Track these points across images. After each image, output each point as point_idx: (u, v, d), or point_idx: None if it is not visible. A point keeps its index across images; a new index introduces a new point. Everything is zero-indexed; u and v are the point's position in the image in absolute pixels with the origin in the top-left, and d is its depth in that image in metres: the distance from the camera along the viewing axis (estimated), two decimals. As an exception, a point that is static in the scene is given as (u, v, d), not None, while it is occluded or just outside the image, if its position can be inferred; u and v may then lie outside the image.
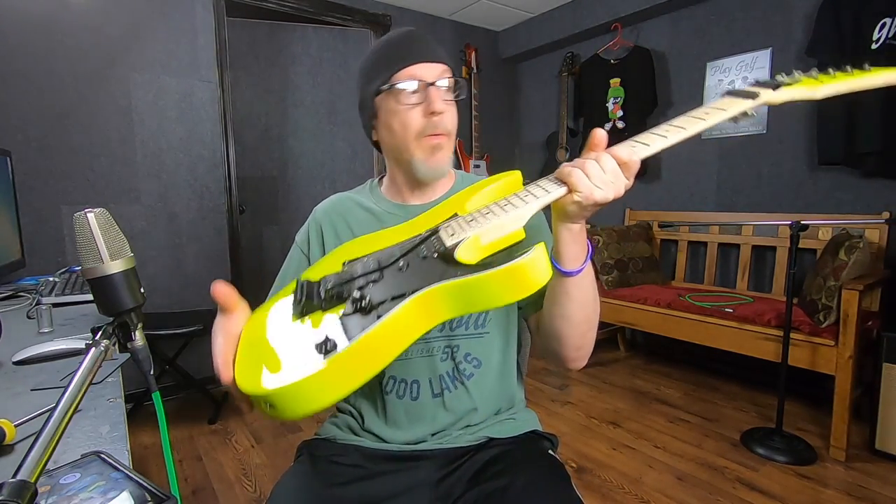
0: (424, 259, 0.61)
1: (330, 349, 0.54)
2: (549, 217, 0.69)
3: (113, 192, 2.43)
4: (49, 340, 0.95)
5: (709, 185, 2.90)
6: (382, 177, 0.96)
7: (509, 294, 0.54)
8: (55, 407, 0.43)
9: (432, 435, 0.84)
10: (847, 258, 1.98)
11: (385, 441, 0.85)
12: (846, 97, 0.63)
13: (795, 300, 2.09)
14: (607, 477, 1.85)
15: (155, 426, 2.20)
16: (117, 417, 0.69)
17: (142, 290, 0.53)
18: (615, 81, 3.12)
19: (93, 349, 0.49)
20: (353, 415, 0.90)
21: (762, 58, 2.60)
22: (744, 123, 2.71)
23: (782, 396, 1.98)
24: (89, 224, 0.50)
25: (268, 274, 3.40)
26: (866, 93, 0.66)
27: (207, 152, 2.68)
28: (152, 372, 0.55)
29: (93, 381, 0.48)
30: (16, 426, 0.62)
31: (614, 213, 3.43)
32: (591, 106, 3.27)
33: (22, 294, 1.52)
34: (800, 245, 1.91)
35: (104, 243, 0.50)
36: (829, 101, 2.41)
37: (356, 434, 0.87)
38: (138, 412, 2.39)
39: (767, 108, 2.58)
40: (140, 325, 0.54)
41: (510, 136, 4.09)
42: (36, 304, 1.31)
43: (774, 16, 2.55)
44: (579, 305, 0.70)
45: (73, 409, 0.44)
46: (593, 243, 2.81)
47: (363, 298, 0.58)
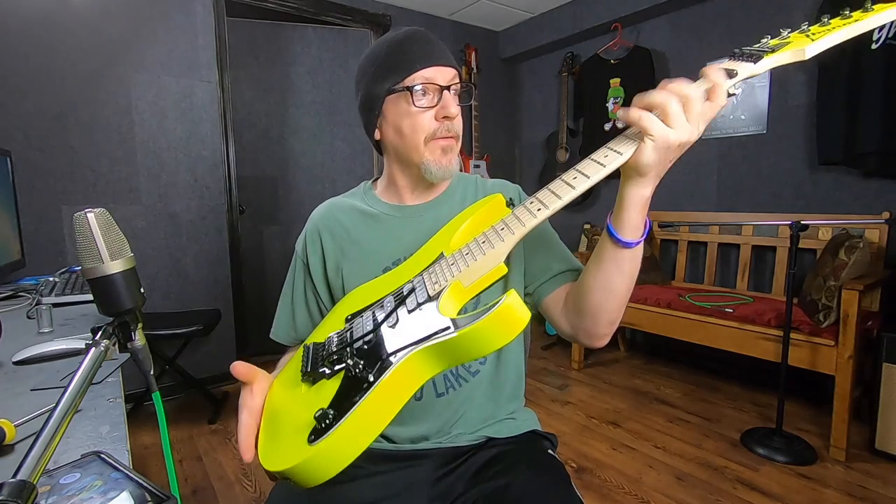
0: (411, 314, 0.63)
1: (326, 427, 0.55)
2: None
3: (113, 192, 2.43)
4: (49, 340, 0.95)
5: (709, 185, 2.90)
6: (375, 179, 0.96)
7: (491, 345, 0.56)
8: (55, 407, 0.43)
9: (434, 434, 0.84)
10: (847, 258, 1.97)
11: (387, 440, 0.85)
12: (846, 97, 0.62)
13: (795, 300, 2.09)
14: (607, 477, 1.85)
15: (155, 426, 2.20)
16: (117, 417, 0.68)
17: (142, 290, 0.53)
18: (615, 81, 3.12)
19: (93, 349, 0.49)
20: None
21: (762, 58, 2.59)
22: (744, 123, 2.71)
23: (782, 396, 1.98)
24: (89, 224, 0.50)
25: (268, 274, 3.41)
26: (866, 93, 0.64)
27: (207, 152, 2.68)
28: (152, 372, 0.55)
29: (93, 381, 0.48)
30: (16, 426, 0.62)
31: (614, 213, 3.43)
32: (591, 106, 3.27)
33: (22, 294, 1.52)
34: (800, 245, 1.91)
35: (104, 243, 0.50)
36: (829, 101, 2.41)
37: None
38: (138, 412, 2.39)
39: (768, 110, 2.59)
40: (140, 325, 0.54)
41: (510, 136, 4.09)
42: (36, 304, 1.31)
43: (774, 16, 2.55)
44: (628, 277, 0.68)
45: (73, 409, 0.44)
46: (594, 243, 2.82)
47: (356, 367, 0.60)
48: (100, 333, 0.51)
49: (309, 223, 0.94)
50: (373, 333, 0.64)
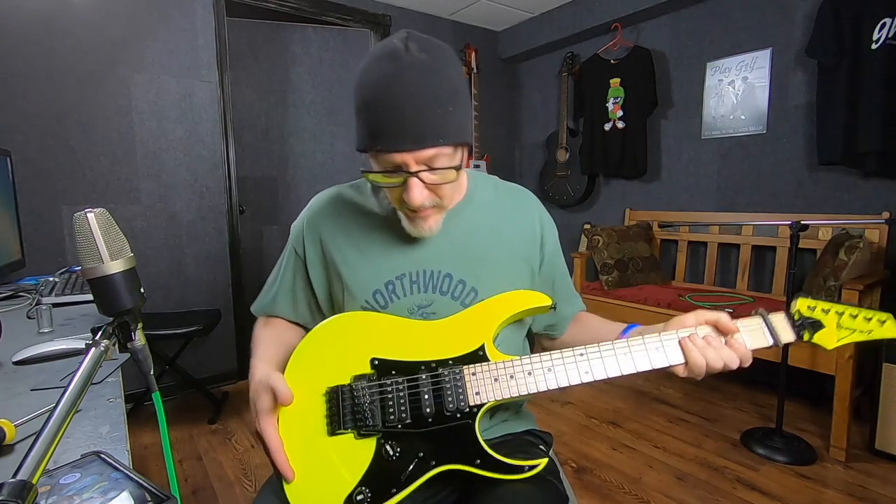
0: (448, 417, 0.71)
1: None
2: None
3: (113, 192, 2.43)
4: (49, 340, 0.95)
5: (709, 185, 2.90)
6: None
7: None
8: (55, 407, 0.43)
9: None
10: (847, 258, 1.98)
11: None
12: (846, 98, 0.64)
13: (795, 300, 2.09)
14: (607, 477, 1.85)
15: (155, 426, 2.20)
16: (117, 417, 0.68)
17: (142, 290, 0.53)
18: (615, 81, 3.12)
19: (93, 349, 0.49)
20: None
21: (762, 58, 2.60)
22: (744, 123, 2.71)
23: (782, 396, 1.98)
24: (89, 224, 0.50)
25: (268, 274, 3.39)
26: (866, 93, 0.66)
27: (207, 152, 2.67)
28: (152, 372, 0.55)
29: (93, 381, 0.48)
30: (16, 426, 0.62)
31: (614, 213, 3.43)
32: (591, 106, 3.27)
33: (22, 294, 1.52)
34: (800, 245, 1.91)
35: (104, 243, 0.50)
36: (829, 101, 2.41)
37: None
38: (138, 412, 2.39)
39: (768, 110, 2.59)
40: (140, 325, 0.54)
41: (510, 136, 4.09)
42: (36, 304, 1.31)
43: (774, 16, 2.55)
44: None
45: (73, 409, 0.44)
46: (594, 243, 2.82)
47: (394, 453, 0.70)
48: (100, 333, 0.51)
49: (308, 214, 0.88)
50: (412, 427, 0.71)
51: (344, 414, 0.71)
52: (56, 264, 2.23)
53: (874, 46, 2.09)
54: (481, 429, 0.72)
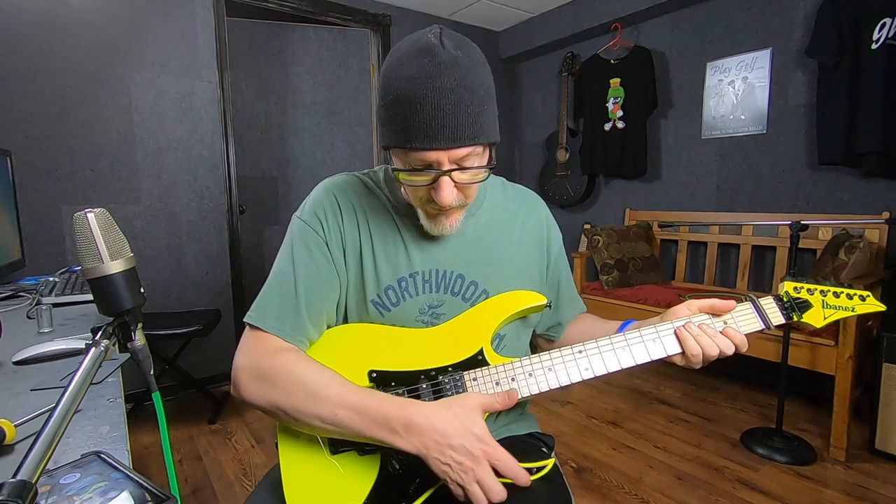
0: None
1: None
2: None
3: (113, 192, 2.43)
4: (49, 340, 0.95)
5: (709, 185, 2.90)
6: None
7: None
8: (55, 407, 0.43)
9: None
10: (847, 258, 1.98)
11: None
12: (846, 97, 0.64)
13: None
14: (607, 477, 1.85)
15: (155, 426, 2.20)
16: (117, 417, 0.68)
17: (142, 290, 0.53)
18: (615, 81, 3.12)
19: (93, 349, 0.49)
20: None
21: (762, 58, 2.60)
22: (744, 123, 2.71)
23: (782, 396, 1.98)
24: (89, 224, 0.50)
25: (268, 274, 3.39)
26: (866, 93, 0.67)
27: (207, 152, 2.67)
28: (152, 372, 0.55)
29: (93, 381, 0.48)
30: (16, 426, 0.62)
31: (614, 213, 3.43)
32: (591, 106, 3.27)
33: (22, 294, 1.52)
34: (800, 245, 1.90)
35: (104, 243, 0.50)
36: (829, 101, 2.41)
37: None
38: (138, 412, 2.39)
39: (768, 110, 2.59)
40: (140, 325, 0.54)
41: (510, 136, 4.09)
42: (36, 304, 1.31)
43: (774, 16, 2.55)
44: None
45: (73, 409, 0.44)
46: (594, 243, 2.82)
47: (399, 469, 0.69)
48: (100, 333, 0.51)
49: (325, 194, 0.79)
50: None
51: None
52: (56, 264, 2.23)
53: (874, 46, 2.08)
54: None
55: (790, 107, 2.52)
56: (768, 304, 0.77)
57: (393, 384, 0.72)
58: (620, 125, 3.11)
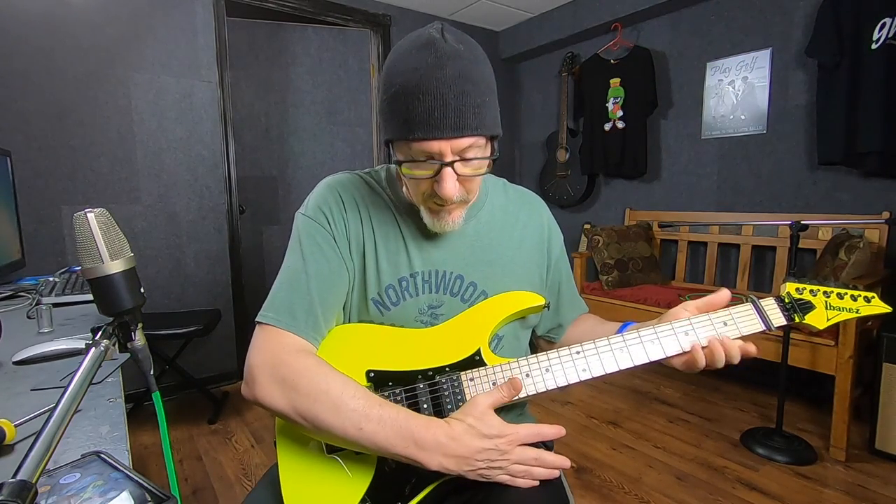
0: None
1: None
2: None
3: (113, 192, 2.43)
4: (49, 340, 0.95)
5: (709, 185, 2.90)
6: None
7: None
8: (55, 407, 0.43)
9: None
10: (847, 258, 1.98)
11: None
12: (846, 97, 0.64)
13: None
14: (607, 477, 1.85)
15: (155, 426, 2.20)
16: (117, 417, 0.68)
17: (142, 290, 0.53)
18: (615, 81, 3.12)
19: (93, 349, 0.49)
20: None
21: (762, 58, 2.60)
22: (744, 123, 2.71)
23: (782, 396, 1.98)
24: (89, 224, 0.50)
25: (268, 274, 3.40)
26: (866, 93, 0.67)
27: (207, 152, 2.67)
28: (152, 372, 0.55)
29: (93, 381, 0.48)
30: (16, 426, 0.62)
31: (614, 213, 3.43)
32: (591, 106, 3.27)
33: (22, 294, 1.52)
34: (800, 245, 1.90)
35: (104, 243, 0.50)
36: (829, 101, 2.41)
37: None
38: (138, 412, 2.39)
39: (768, 110, 2.59)
40: (140, 325, 0.54)
41: (510, 136, 4.09)
42: (36, 304, 1.31)
43: (774, 16, 2.55)
44: None
45: (73, 409, 0.44)
46: (594, 243, 2.82)
47: (395, 468, 0.69)
48: (100, 333, 0.51)
49: (329, 190, 0.79)
50: None
51: None
52: (56, 264, 2.23)
53: (874, 46, 2.08)
54: None
55: (790, 107, 2.52)
56: (769, 305, 0.76)
57: (390, 384, 0.72)
58: (620, 125, 3.11)
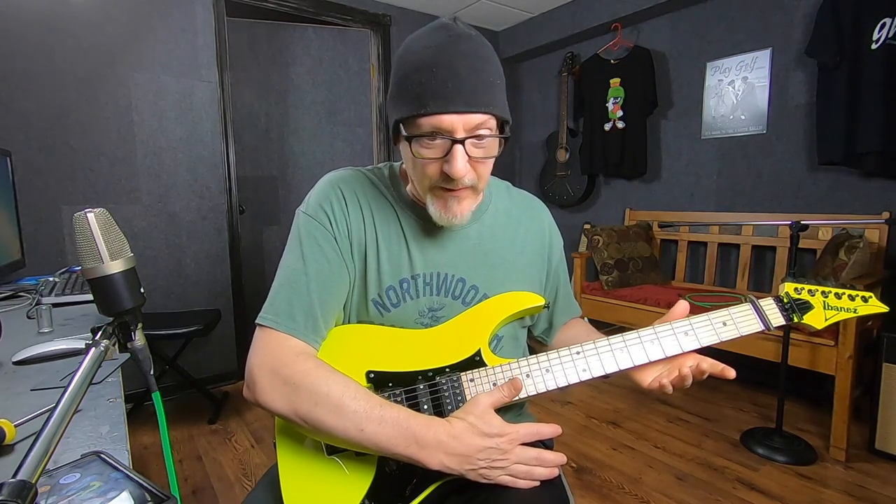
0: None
1: None
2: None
3: (113, 192, 2.43)
4: (49, 340, 0.95)
5: (709, 185, 2.90)
6: (403, 164, 0.81)
7: None
8: (55, 407, 0.43)
9: None
10: (847, 258, 1.98)
11: None
12: (846, 97, 0.64)
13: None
14: (607, 477, 1.85)
15: (155, 426, 2.20)
16: (117, 417, 0.68)
17: (142, 290, 0.53)
18: (615, 81, 3.12)
19: (93, 349, 0.49)
20: None
21: (762, 58, 2.60)
22: (744, 123, 2.71)
23: (782, 396, 1.98)
24: (89, 224, 0.50)
25: (268, 274, 3.40)
26: (866, 93, 0.67)
27: (207, 152, 2.67)
28: (152, 372, 0.55)
29: (93, 381, 0.48)
30: (16, 426, 0.62)
31: (614, 213, 3.43)
32: (591, 106, 3.27)
33: (22, 294, 1.52)
34: (800, 245, 1.91)
35: (104, 243, 0.50)
36: (829, 101, 2.41)
37: None
38: (138, 412, 2.39)
39: (768, 110, 2.59)
40: (140, 325, 0.54)
41: (510, 136, 4.08)
42: (36, 304, 1.31)
43: (774, 16, 2.55)
44: None
45: (73, 409, 0.44)
46: (594, 243, 2.82)
47: (396, 469, 0.70)
48: (100, 333, 0.51)
49: (331, 187, 0.78)
50: None
51: None
52: (56, 264, 2.23)
53: (874, 46, 2.08)
54: None
55: (790, 107, 2.52)
56: (768, 306, 0.76)
57: (390, 385, 0.72)
58: (620, 125, 3.11)
